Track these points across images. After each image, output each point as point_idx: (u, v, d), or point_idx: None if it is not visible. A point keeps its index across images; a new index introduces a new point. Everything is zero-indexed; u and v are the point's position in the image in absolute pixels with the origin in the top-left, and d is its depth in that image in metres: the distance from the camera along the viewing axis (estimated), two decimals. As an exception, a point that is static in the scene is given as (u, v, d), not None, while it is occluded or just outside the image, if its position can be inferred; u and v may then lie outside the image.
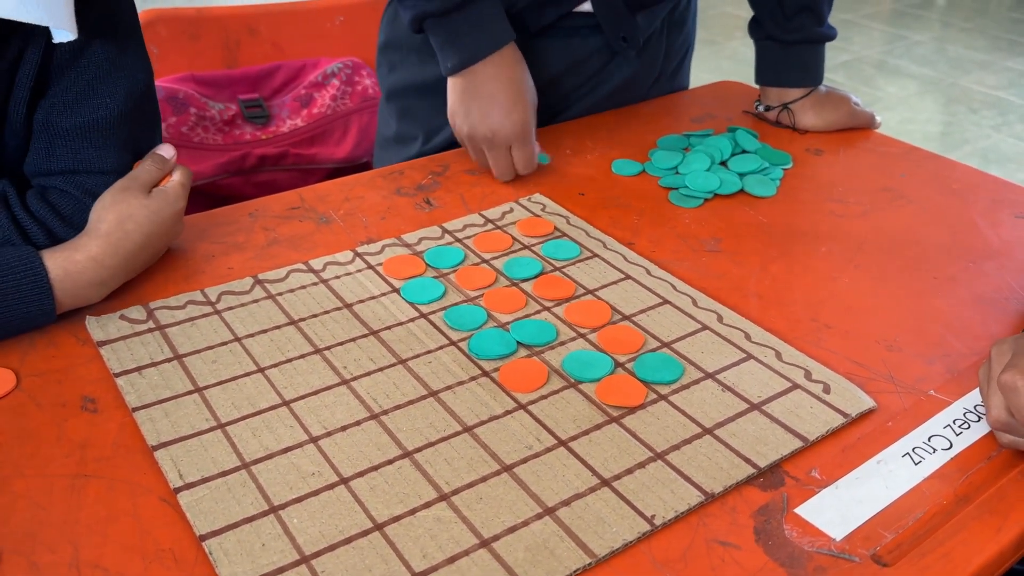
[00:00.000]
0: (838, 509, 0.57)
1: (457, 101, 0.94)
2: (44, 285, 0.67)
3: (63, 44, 0.71)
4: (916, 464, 0.60)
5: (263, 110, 1.39)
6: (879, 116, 1.13)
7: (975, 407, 0.66)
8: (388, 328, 0.72)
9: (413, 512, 0.55)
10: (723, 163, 1.01)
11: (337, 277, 0.78)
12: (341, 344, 0.69)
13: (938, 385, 0.68)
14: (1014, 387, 0.57)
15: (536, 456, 0.59)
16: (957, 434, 0.63)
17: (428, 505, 0.55)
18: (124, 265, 0.72)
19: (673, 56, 1.19)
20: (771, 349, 0.70)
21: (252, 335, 0.70)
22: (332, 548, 0.52)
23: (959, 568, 0.53)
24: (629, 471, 0.58)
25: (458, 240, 0.84)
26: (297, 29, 1.46)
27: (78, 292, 0.69)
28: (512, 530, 0.54)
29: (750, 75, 1.16)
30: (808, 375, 0.68)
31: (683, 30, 1.18)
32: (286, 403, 0.63)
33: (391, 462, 0.58)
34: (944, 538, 0.55)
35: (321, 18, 1.48)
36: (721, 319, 0.74)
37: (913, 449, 0.62)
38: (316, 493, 0.56)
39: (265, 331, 0.71)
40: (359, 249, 0.82)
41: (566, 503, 0.56)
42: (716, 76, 2.24)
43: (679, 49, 1.20)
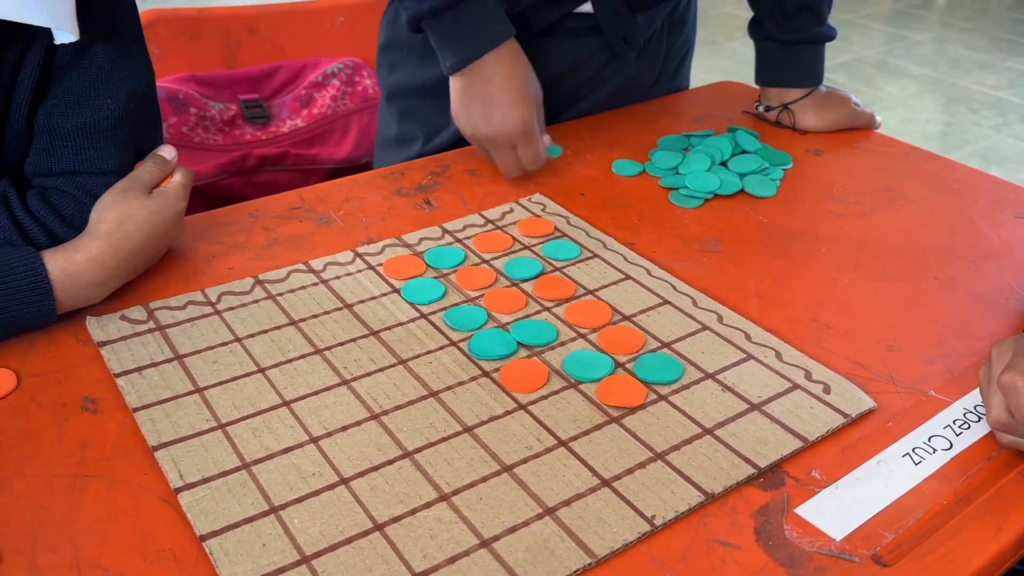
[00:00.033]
0: (838, 509, 0.57)
1: (459, 102, 0.94)
2: (44, 286, 0.67)
3: (65, 45, 0.71)
4: (916, 464, 0.60)
5: (263, 110, 1.39)
6: (879, 116, 1.13)
7: (975, 407, 0.66)
8: (388, 328, 0.72)
9: (413, 512, 0.55)
10: (723, 163, 1.01)
11: (337, 277, 0.78)
12: (341, 344, 0.69)
13: (938, 385, 0.68)
14: (1014, 387, 0.57)
15: (536, 456, 0.59)
16: (957, 434, 0.63)
17: (428, 505, 0.55)
18: (124, 266, 0.72)
19: (673, 56, 1.19)
20: (771, 349, 0.70)
21: (252, 335, 0.70)
22: (332, 548, 0.52)
23: (959, 568, 0.53)
24: (629, 471, 0.58)
25: (458, 240, 0.84)
26: (297, 29, 1.46)
27: (78, 293, 0.69)
28: (512, 530, 0.54)
29: (750, 75, 1.16)
30: (808, 375, 0.68)
31: (683, 30, 1.18)
32: (286, 403, 0.63)
33: (391, 462, 0.58)
34: (944, 538, 0.55)
35: (321, 18, 1.48)
36: (721, 319, 0.74)
37: (913, 449, 0.62)
38: (316, 493, 0.56)
39: (265, 331, 0.71)
40: (359, 249, 0.82)
41: (566, 503, 0.56)
42: (716, 76, 2.24)
43: (679, 49, 1.20)
